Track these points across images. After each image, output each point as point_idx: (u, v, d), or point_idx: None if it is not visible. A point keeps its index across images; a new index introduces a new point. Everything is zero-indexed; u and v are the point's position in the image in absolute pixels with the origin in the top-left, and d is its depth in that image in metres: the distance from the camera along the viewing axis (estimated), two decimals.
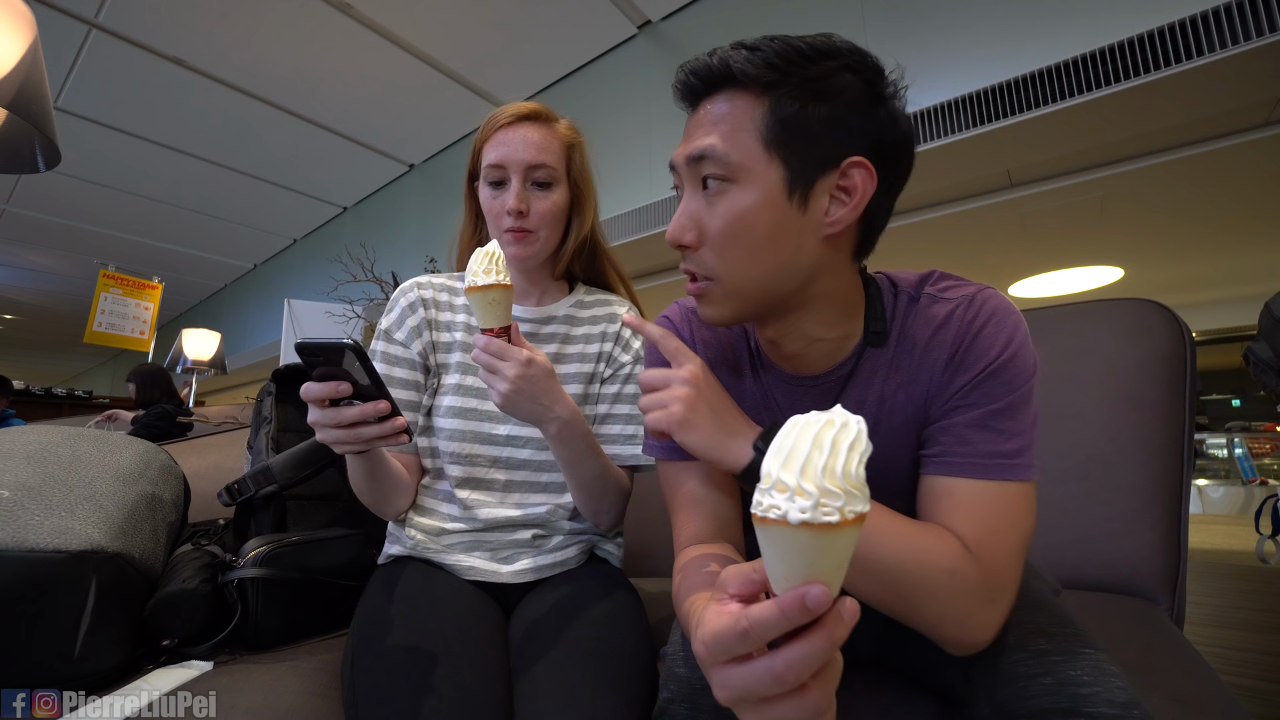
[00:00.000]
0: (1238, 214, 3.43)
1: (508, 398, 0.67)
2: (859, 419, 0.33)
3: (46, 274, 5.82)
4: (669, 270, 3.46)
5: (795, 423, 0.33)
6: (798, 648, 0.32)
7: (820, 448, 0.31)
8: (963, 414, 0.53)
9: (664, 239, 0.57)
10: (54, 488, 0.74)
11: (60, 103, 3.23)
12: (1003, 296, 0.56)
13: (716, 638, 0.34)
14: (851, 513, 0.30)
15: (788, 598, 0.31)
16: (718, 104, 0.53)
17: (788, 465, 0.31)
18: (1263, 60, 1.59)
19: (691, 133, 0.55)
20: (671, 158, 0.57)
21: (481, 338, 0.67)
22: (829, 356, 0.59)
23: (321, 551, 0.88)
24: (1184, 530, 0.83)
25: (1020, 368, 0.52)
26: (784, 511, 0.30)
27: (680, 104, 0.58)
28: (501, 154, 0.80)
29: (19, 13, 0.93)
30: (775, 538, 0.31)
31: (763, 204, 0.52)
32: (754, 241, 0.52)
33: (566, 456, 0.74)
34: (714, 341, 0.67)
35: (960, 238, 3.64)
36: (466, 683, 0.61)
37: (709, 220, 0.53)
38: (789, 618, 0.31)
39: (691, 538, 0.61)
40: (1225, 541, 3.84)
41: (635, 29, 2.87)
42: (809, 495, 0.30)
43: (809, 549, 0.31)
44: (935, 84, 2.03)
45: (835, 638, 0.32)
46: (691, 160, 0.54)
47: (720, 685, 0.35)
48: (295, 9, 2.68)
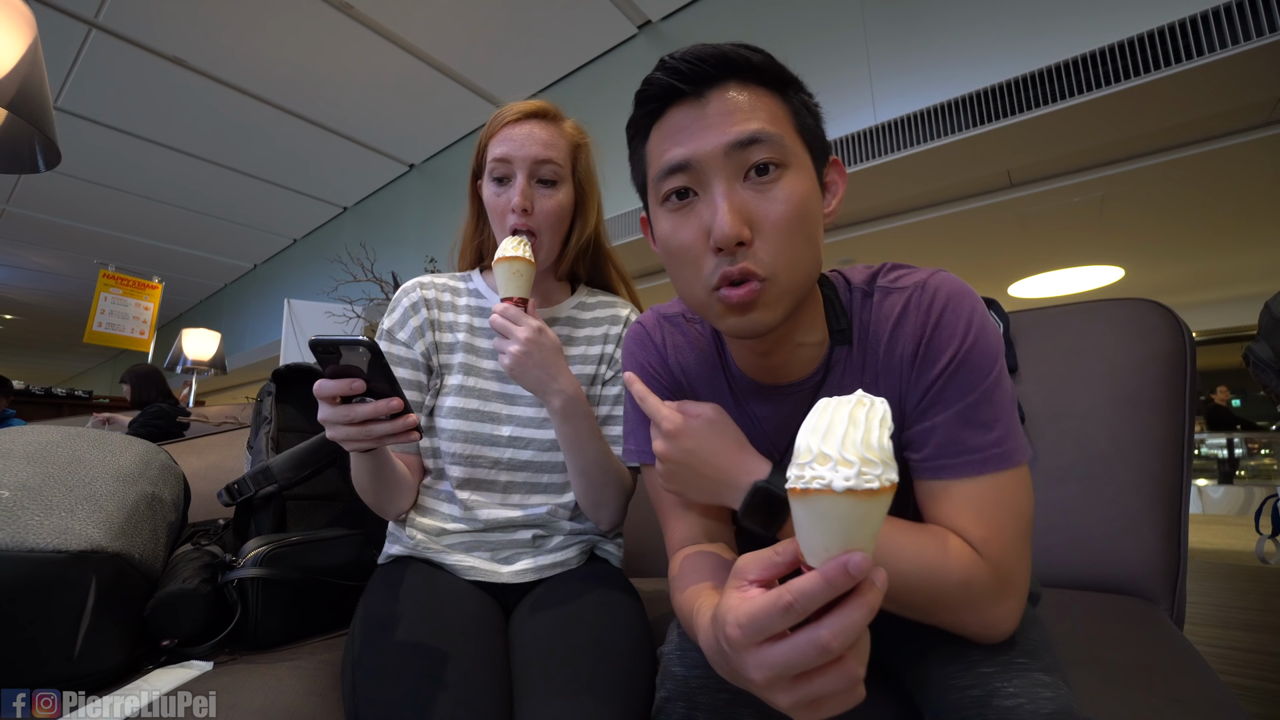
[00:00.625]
0: (1238, 214, 3.43)
1: (517, 359, 0.71)
2: (883, 400, 0.35)
3: (46, 274, 5.82)
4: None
5: (826, 404, 0.35)
6: (841, 615, 0.33)
7: (856, 423, 0.34)
8: (942, 412, 0.52)
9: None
10: (54, 488, 0.74)
11: (60, 103, 3.23)
12: (954, 277, 0.55)
13: (754, 618, 0.35)
14: (888, 480, 0.33)
15: (831, 566, 0.32)
16: (737, 92, 0.50)
17: (828, 439, 0.34)
18: (1263, 60, 1.59)
19: (713, 122, 0.49)
20: (687, 154, 0.50)
21: (500, 304, 0.72)
22: (807, 363, 0.58)
23: (321, 551, 0.88)
24: (1184, 530, 0.83)
25: (986, 351, 0.51)
26: (828, 481, 0.32)
27: (653, 102, 0.52)
28: (507, 149, 0.79)
29: (19, 13, 0.93)
30: (818, 507, 0.33)
31: (812, 190, 0.51)
32: (810, 231, 0.51)
33: (570, 435, 0.75)
34: (687, 347, 0.65)
35: (960, 238, 3.64)
36: (467, 682, 0.61)
37: (765, 209, 0.49)
38: (834, 586, 0.32)
39: (683, 540, 0.61)
40: (1225, 541, 3.84)
41: (635, 29, 2.87)
42: (851, 464, 0.32)
43: (851, 516, 0.33)
44: (935, 84, 2.03)
45: (873, 605, 0.33)
46: (738, 146, 0.48)
47: (758, 666, 0.35)
48: (295, 9, 2.68)
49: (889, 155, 2.11)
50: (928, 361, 0.52)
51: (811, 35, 2.34)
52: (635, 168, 0.58)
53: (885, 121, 2.11)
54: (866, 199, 2.64)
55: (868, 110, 2.17)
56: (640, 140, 0.55)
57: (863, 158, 2.18)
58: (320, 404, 0.59)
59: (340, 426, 0.59)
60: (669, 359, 0.65)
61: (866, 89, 2.19)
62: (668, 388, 0.65)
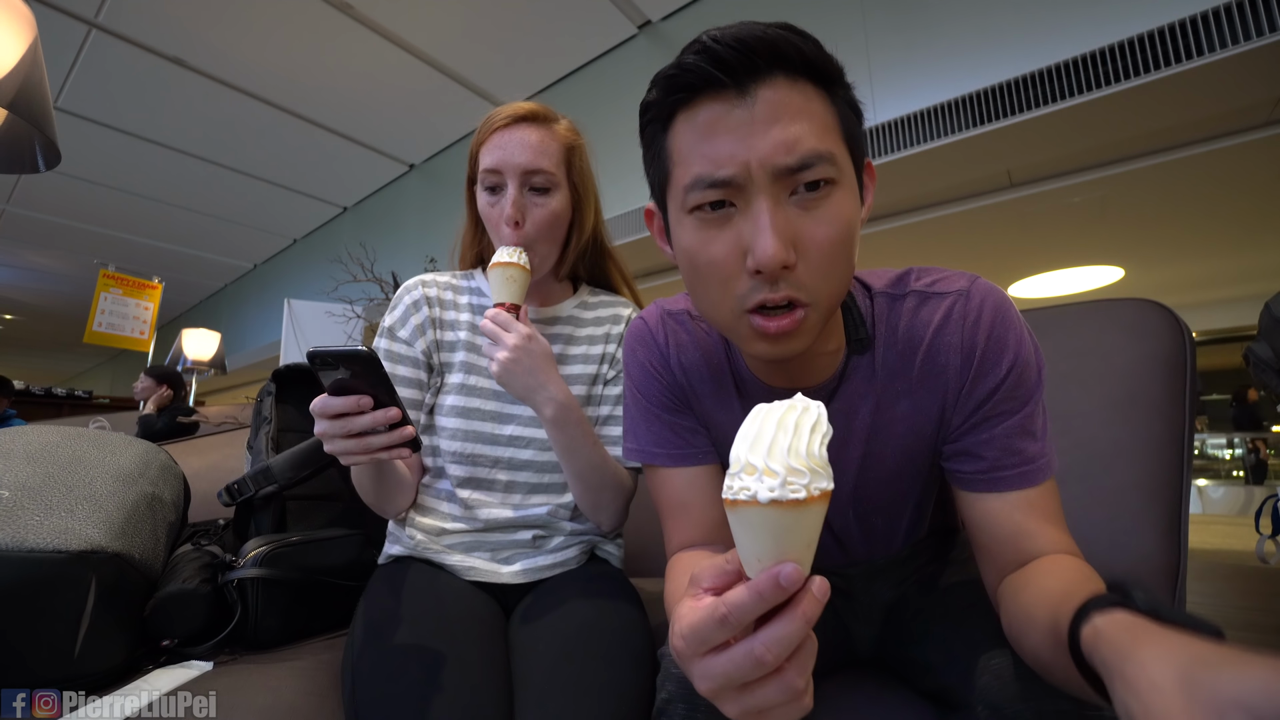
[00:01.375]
0: (1238, 214, 3.43)
1: (505, 366, 0.70)
2: (819, 404, 0.34)
3: (46, 274, 5.82)
4: (669, 270, 3.46)
5: (760, 409, 0.34)
6: (774, 628, 0.32)
7: (785, 430, 0.33)
8: (1000, 423, 0.51)
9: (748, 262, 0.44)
10: (54, 488, 0.74)
11: (60, 103, 3.22)
12: (993, 285, 0.54)
13: (694, 629, 0.34)
14: (817, 489, 0.32)
15: (762, 578, 0.32)
16: (787, 91, 0.44)
17: (755, 448, 0.33)
18: (1263, 60, 1.59)
19: (760, 129, 0.43)
20: (733, 172, 0.44)
21: (492, 310, 0.71)
22: (822, 370, 0.57)
23: (321, 551, 0.88)
24: (1184, 530, 0.83)
25: (1033, 360, 0.52)
26: (754, 492, 0.32)
27: (682, 90, 0.46)
28: (497, 159, 0.77)
29: (19, 13, 0.93)
30: (747, 518, 0.33)
31: (856, 204, 0.47)
32: (852, 249, 0.47)
33: (563, 442, 0.74)
34: (691, 346, 0.62)
35: (960, 238, 3.64)
36: (467, 683, 0.61)
37: (812, 231, 0.44)
38: (764, 598, 0.32)
39: (681, 543, 0.61)
40: (1225, 541, 3.84)
41: (635, 29, 2.86)
42: (776, 475, 0.31)
43: (779, 527, 0.32)
44: (935, 84, 2.03)
45: (809, 615, 0.32)
46: (787, 170, 0.43)
47: (701, 676, 0.35)
48: (295, 9, 2.68)
49: (889, 155, 2.11)
50: (982, 374, 0.51)
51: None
52: (653, 159, 0.51)
53: (885, 121, 2.11)
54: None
55: (868, 110, 2.14)
56: (659, 128, 0.49)
57: None
58: (316, 419, 0.57)
59: (337, 440, 0.58)
60: (671, 358, 0.63)
61: (866, 89, 2.18)
62: (668, 387, 0.63)
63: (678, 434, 0.62)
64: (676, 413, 0.63)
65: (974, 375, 0.52)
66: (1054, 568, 0.47)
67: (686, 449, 0.62)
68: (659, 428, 0.63)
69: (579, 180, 0.83)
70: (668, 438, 0.62)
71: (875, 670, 0.66)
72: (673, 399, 0.63)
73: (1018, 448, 0.51)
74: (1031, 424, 0.51)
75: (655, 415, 0.63)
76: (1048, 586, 0.44)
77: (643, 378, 0.64)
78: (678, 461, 0.62)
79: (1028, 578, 0.47)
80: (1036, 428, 0.51)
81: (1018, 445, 0.51)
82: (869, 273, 0.59)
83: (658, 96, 0.48)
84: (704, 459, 0.62)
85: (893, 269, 0.59)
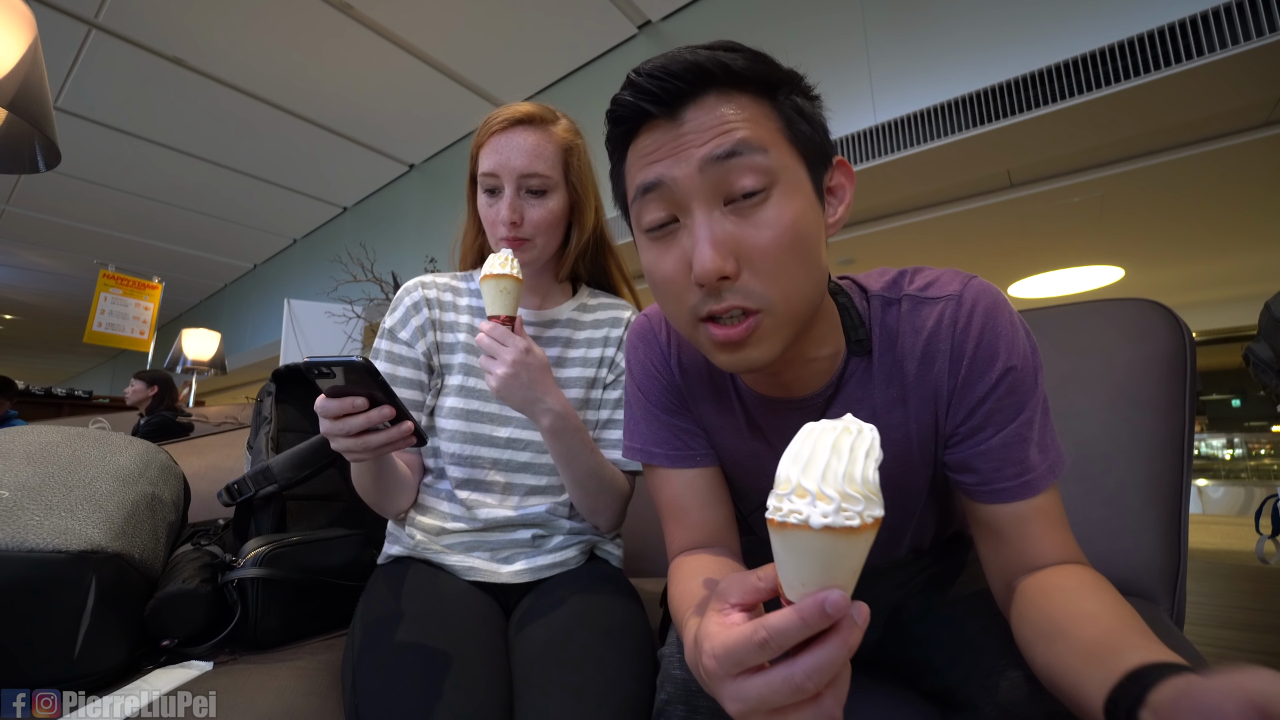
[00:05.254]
0: (1238, 214, 3.43)
1: (503, 381, 0.70)
2: (871, 426, 0.33)
3: (46, 274, 5.82)
4: None
5: (811, 430, 0.33)
6: (816, 654, 0.32)
7: (839, 454, 0.31)
8: (995, 433, 0.50)
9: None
10: (54, 488, 0.74)
11: (60, 103, 3.23)
12: (988, 286, 0.52)
13: (729, 650, 0.33)
14: (870, 517, 0.31)
15: (807, 604, 0.31)
16: (717, 104, 0.45)
17: (808, 471, 0.31)
18: (1263, 60, 1.59)
19: (688, 140, 0.44)
20: (659, 174, 0.45)
21: (487, 323, 0.71)
22: (819, 376, 0.55)
23: (321, 551, 0.88)
24: (1184, 530, 0.83)
25: (1028, 364, 0.50)
26: (806, 516, 0.30)
27: (624, 123, 0.48)
28: (494, 162, 0.78)
29: (19, 13, 0.93)
30: (796, 543, 0.31)
31: (806, 207, 0.46)
32: (806, 253, 0.46)
33: (561, 451, 0.74)
34: (694, 349, 0.61)
35: (960, 238, 3.64)
36: (467, 683, 0.61)
37: (752, 237, 0.44)
38: (809, 624, 0.31)
39: (682, 546, 0.61)
40: (1225, 541, 3.84)
41: (635, 29, 2.87)
42: (831, 500, 0.30)
43: (830, 554, 0.31)
44: (935, 84, 2.03)
45: (851, 643, 0.32)
46: (713, 161, 0.43)
47: (733, 698, 0.34)
48: (295, 9, 2.68)
49: (889, 155, 2.11)
50: (971, 381, 0.50)
51: (811, 35, 2.34)
52: (615, 188, 0.54)
53: (885, 121, 2.11)
54: (866, 199, 2.64)
55: (868, 110, 2.17)
56: (618, 160, 0.52)
57: (863, 158, 2.18)
58: (320, 420, 0.60)
59: (339, 439, 0.60)
60: (671, 358, 0.62)
61: (866, 89, 2.19)
62: (667, 387, 0.62)
63: (676, 435, 0.62)
64: (675, 413, 0.63)
65: (962, 382, 0.50)
66: (1073, 584, 0.46)
67: (684, 450, 0.62)
68: (658, 427, 0.63)
69: (577, 180, 0.83)
70: (666, 438, 0.62)
71: (876, 671, 0.66)
72: (671, 399, 0.63)
73: (1016, 457, 0.49)
74: (1029, 431, 0.49)
75: (654, 415, 0.63)
76: (1083, 614, 0.43)
77: (643, 376, 0.64)
78: (675, 463, 0.62)
79: (1046, 593, 0.46)
80: (1034, 435, 0.50)
81: (1016, 455, 0.49)
82: (866, 275, 0.58)
83: (609, 131, 0.50)
84: (702, 461, 0.62)
85: (890, 270, 0.58)
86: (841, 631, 0.32)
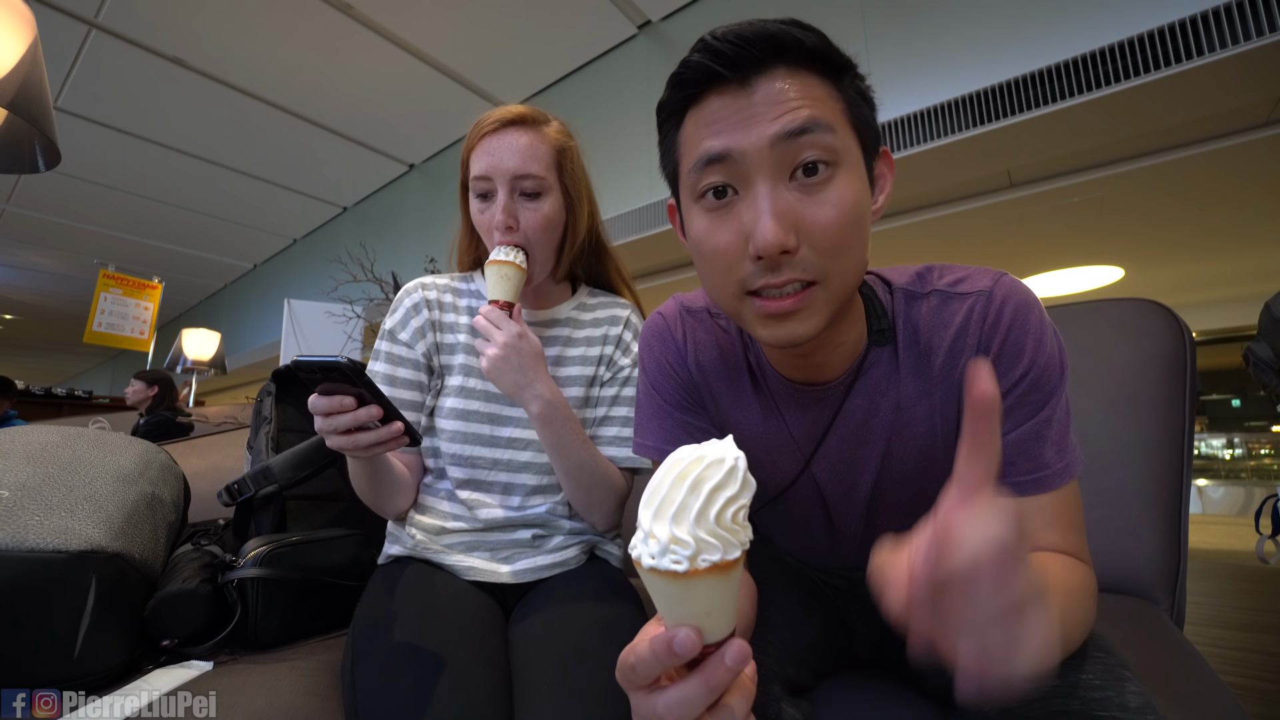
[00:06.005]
0: (1238, 214, 3.43)
1: (494, 362, 0.71)
2: (738, 454, 0.31)
3: (46, 274, 5.82)
4: (669, 270, 3.46)
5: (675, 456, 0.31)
6: (677, 690, 0.31)
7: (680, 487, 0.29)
8: (1014, 429, 0.49)
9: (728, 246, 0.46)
10: (54, 488, 0.74)
11: (60, 103, 3.23)
12: (1018, 284, 0.52)
13: (621, 667, 0.34)
14: (705, 562, 0.28)
15: (659, 638, 0.31)
16: (786, 79, 0.45)
17: (648, 502, 0.30)
18: (1263, 60, 1.59)
19: (758, 112, 0.44)
20: (727, 145, 0.45)
21: (486, 307, 0.73)
22: (842, 362, 0.55)
23: (321, 551, 0.88)
24: (1184, 530, 0.83)
25: (1054, 364, 0.50)
26: (638, 554, 0.29)
27: (690, 86, 0.47)
28: (486, 165, 0.77)
29: (19, 13, 0.93)
30: (644, 576, 0.30)
31: (862, 189, 0.47)
32: (861, 234, 0.47)
33: (552, 440, 0.75)
34: (710, 345, 0.62)
35: (960, 238, 3.64)
36: (467, 683, 0.61)
37: (814, 212, 0.44)
38: (659, 659, 0.31)
39: None
40: (1225, 541, 3.84)
41: (635, 29, 2.86)
42: (658, 540, 0.28)
43: (665, 593, 0.30)
44: (935, 84, 2.03)
45: (714, 683, 0.31)
46: (785, 138, 0.43)
47: (634, 709, 0.35)
48: (295, 9, 2.68)
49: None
50: (996, 375, 0.50)
51: None
52: (666, 155, 0.53)
53: (885, 121, 2.11)
54: None
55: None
56: (673, 125, 0.50)
57: None
58: (314, 418, 0.61)
59: (332, 436, 0.62)
60: (688, 356, 0.62)
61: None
62: (683, 385, 0.62)
63: (690, 434, 0.62)
64: (690, 412, 0.62)
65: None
66: (1040, 558, 0.46)
67: None
68: (671, 426, 0.62)
69: (571, 182, 0.82)
70: (679, 437, 0.62)
71: (877, 671, 0.66)
72: (687, 397, 0.62)
73: (1032, 453, 0.49)
74: (1047, 429, 0.49)
75: (668, 413, 0.63)
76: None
77: (658, 374, 0.63)
78: None
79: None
80: (1053, 434, 0.49)
81: (1032, 450, 0.49)
82: (888, 269, 0.58)
83: (669, 95, 0.50)
84: None
85: (912, 265, 0.58)
86: (704, 671, 0.31)
